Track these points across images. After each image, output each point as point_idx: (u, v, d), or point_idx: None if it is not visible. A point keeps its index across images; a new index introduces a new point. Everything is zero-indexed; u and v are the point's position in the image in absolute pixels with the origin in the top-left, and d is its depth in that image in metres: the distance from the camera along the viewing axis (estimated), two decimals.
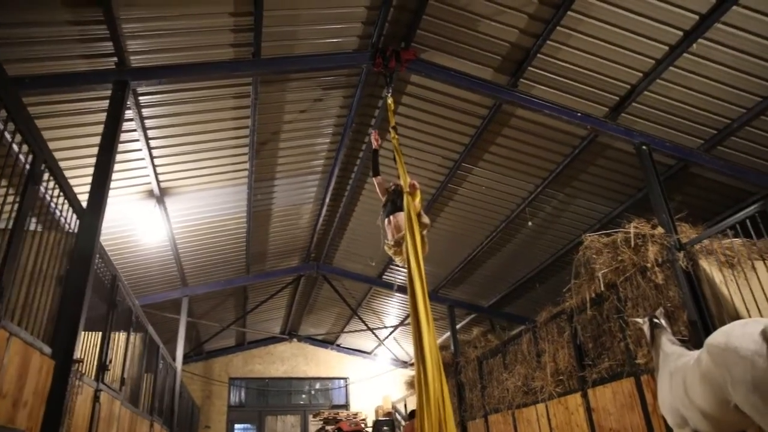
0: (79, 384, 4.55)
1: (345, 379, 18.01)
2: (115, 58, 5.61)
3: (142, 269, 10.07)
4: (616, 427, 7.10)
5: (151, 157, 7.30)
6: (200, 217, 9.25)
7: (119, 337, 6.75)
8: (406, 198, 5.16)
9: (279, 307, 15.53)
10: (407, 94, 7.55)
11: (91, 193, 5.01)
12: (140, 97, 6.35)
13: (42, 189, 3.98)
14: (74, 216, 4.71)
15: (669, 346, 5.44)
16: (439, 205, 9.72)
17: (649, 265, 6.49)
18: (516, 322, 13.41)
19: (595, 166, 8.12)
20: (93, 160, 5.21)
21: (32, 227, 4.02)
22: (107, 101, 5.52)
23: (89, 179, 5.07)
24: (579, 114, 7.04)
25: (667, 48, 5.92)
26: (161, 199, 8.25)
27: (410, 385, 14.25)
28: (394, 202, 5.62)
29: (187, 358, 16.01)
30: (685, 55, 5.88)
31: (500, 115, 7.53)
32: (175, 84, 6.29)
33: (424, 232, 5.27)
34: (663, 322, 5.77)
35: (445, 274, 12.22)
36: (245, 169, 8.31)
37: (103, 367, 5.50)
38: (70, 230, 4.67)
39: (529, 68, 6.62)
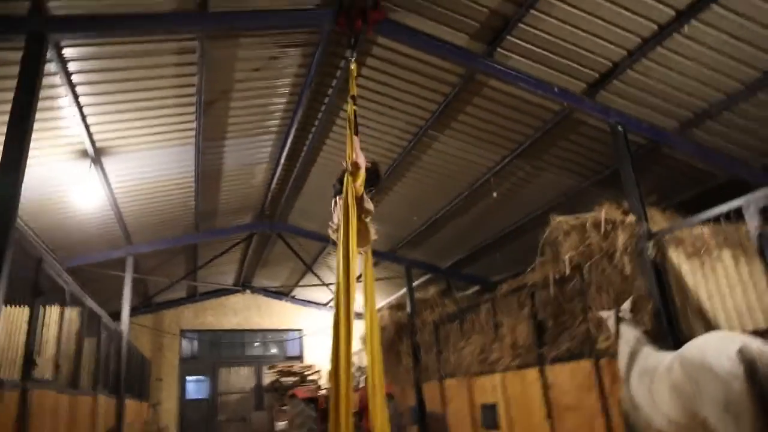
0: None
1: (299, 330, 17.90)
2: (28, 3, 4.72)
3: (79, 231, 9.30)
4: (573, 404, 7.14)
5: (82, 116, 6.47)
6: (144, 178, 8.50)
7: (51, 315, 6.17)
8: (346, 178, 4.57)
9: (232, 262, 14.99)
10: (373, 56, 6.88)
11: (4, 157, 4.31)
12: (64, 50, 5.47)
13: None
14: None
15: (635, 343, 5.30)
16: (400, 169, 9.24)
17: (617, 252, 6.32)
18: (473, 282, 13.43)
19: (566, 140, 7.78)
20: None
21: None
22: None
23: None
24: (556, 89, 6.59)
25: (656, 27, 5.47)
26: (97, 160, 7.45)
27: (363, 340, 14.18)
28: (341, 182, 5.04)
29: (135, 311, 15.44)
30: (675, 35, 5.46)
31: (472, 84, 7.00)
32: (105, 37, 5.42)
33: (367, 219, 4.81)
34: (629, 316, 5.64)
35: (403, 236, 11.93)
36: (192, 129, 7.55)
37: (29, 361, 4.96)
38: None
39: (508, 37, 6.07)
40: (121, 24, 5.20)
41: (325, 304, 17.94)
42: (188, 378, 16.35)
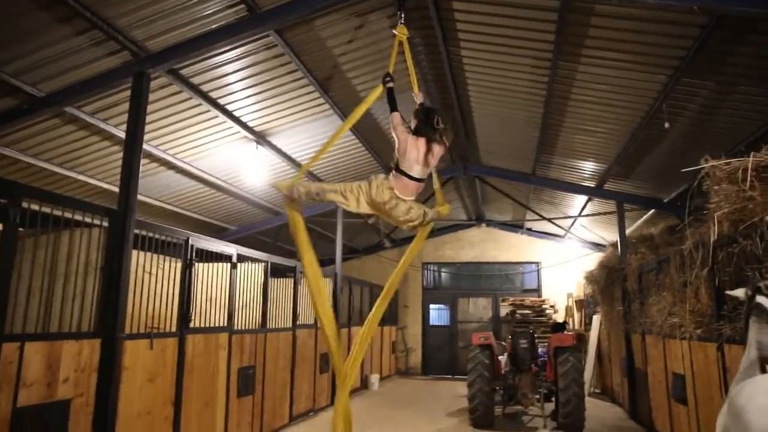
0: None
1: (536, 263, 17.51)
2: (127, 52, 5.92)
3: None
4: None
5: (228, 113, 7.75)
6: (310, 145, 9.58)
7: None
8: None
9: (454, 199, 15.47)
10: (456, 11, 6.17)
11: (122, 188, 5.69)
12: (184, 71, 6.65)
13: None
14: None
15: (753, 350, 3.82)
16: (555, 104, 8.06)
17: None
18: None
19: (745, 45, 5.57)
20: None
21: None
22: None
23: None
24: None
25: None
26: (261, 140, 8.81)
27: (588, 280, 13.12)
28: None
29: (378, 248, 17.72)
30: None
31: (572, 15, 5.64)
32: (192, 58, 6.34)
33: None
34: None
35: (604, 169, 10.36)
36: (322, 102, 8.15)
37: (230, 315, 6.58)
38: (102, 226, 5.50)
39: None
40: (198, 44, 5.99)
41: (562, 236, 17.01)
42: (431, 306, 17.98)
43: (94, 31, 5.57)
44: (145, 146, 7.74)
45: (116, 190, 8.89)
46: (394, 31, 5.33)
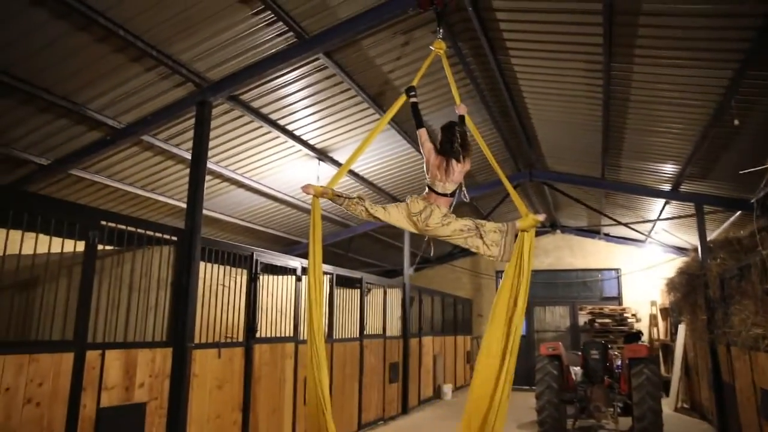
0: None
1: (616, 270, 16.72)
2: (191, 84, 6.47)
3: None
4: None
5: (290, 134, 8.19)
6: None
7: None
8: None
9: (514, 209, 15.18)
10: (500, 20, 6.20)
11: (188, 209, 6.21)
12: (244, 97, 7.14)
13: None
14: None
15: None
16: (618, 108, 7.79)
17: None
18: None
19: None
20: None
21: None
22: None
23: None
24: None
25: None
26: (323, 157, 9.20)
27: (670, 287, 12.36)
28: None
29: (451, 256, 17.72)
30: None
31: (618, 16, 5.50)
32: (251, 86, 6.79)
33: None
34: None
35: (679, 170, 9.80)
36: (377, 117, 8.38)
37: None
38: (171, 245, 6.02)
39: None
40: (251, 72, 6.43)
41: (643, 241, 16.16)
42: None
43: (160, 68, 6.16)
44: (214, 167, 8.42)
45: None
46: (431, 46, 5.45)
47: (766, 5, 4.98)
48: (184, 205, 9.46)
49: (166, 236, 5.90)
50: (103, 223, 5.11)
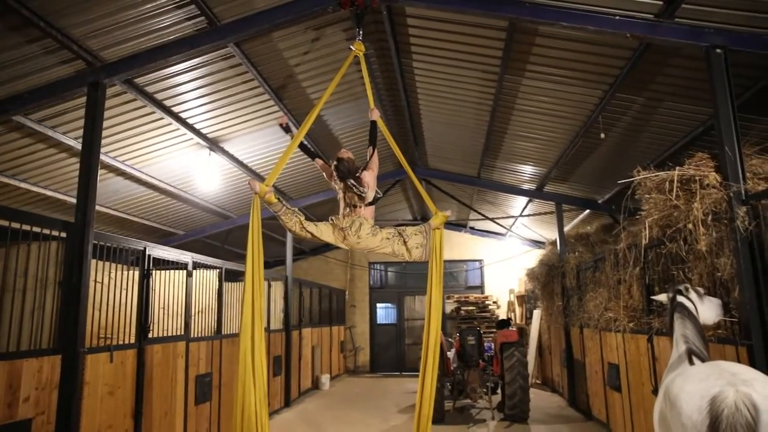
0: None
1: (480, 261, 18.19)
2: (81, 61, 5.81)
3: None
4: None
5: (181, 120, 7.70)
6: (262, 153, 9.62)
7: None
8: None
9: (400, 201, 15.86)
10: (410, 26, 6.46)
11: (79, 201, 5.59)
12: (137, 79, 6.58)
13: None
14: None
15: (681, 344, 4.29)
16: (502, 113, 8.54)
17: (694, 220, 5.02)
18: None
19: (670, 67, 6.18)
20: None
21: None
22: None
23: None
24: (618, 18, 5.29)
25: None
26: (214, 147, 8.78)
27: (529, 277, 13.83)
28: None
29: (326, 247, 17.81)
30: None
31: (518, 35, 6.07)
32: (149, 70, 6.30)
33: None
34: (690, 304, 4.52)
35: (544, 173, 11.00)
36: (276, 110, 8.23)
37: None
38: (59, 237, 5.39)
39: None
40: (153, 56, 5.95)
41: (504, 235, 17.76)
42: (378, 305, 18.31)
43: (47, 40, 5.44)
44: None
45: (64, 198, 8.67)
46: (351, 46, 5.54)
47: (637, 41, 5.84)
48: (52, 194, 8.50)
49: (54, 232, 5.27)
50: None
